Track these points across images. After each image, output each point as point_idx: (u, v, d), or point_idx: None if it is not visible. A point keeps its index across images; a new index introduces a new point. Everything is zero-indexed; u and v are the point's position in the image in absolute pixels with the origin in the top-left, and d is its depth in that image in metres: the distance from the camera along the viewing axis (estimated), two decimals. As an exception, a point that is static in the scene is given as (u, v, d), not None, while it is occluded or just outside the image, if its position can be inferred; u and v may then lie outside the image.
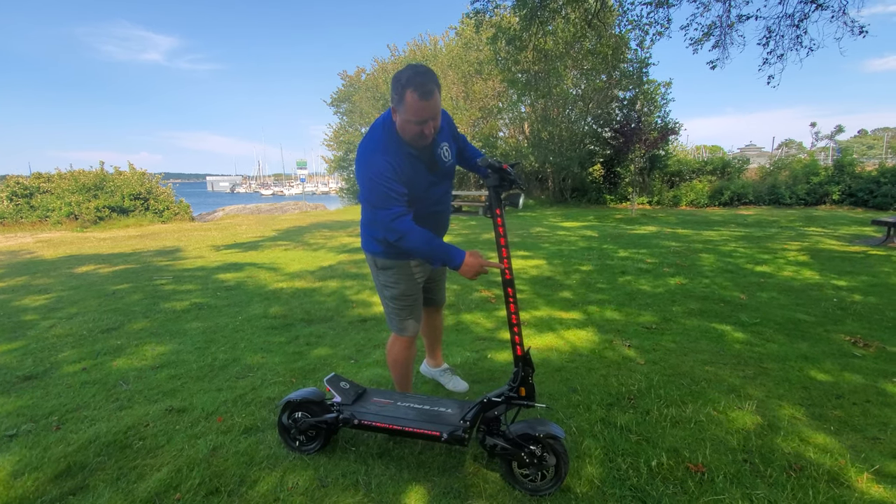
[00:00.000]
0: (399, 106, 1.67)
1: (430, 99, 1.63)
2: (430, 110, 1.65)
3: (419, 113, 1.64)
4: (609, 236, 8.65)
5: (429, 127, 1.68)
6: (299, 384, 2.64)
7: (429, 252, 1.75)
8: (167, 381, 2.74)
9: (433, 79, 1.64)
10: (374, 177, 1.71)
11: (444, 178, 1.93)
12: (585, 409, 2.28)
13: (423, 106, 1.63)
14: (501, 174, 1.65)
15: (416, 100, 1.61)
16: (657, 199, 16.13)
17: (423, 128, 1.68)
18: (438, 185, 1.91)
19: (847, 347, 3.10)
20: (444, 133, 1.89)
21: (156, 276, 5.77)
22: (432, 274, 2.20)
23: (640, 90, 15.76)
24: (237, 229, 11.89)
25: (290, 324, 3.77)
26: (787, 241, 7.75)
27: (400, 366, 2.15)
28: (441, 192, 1.95)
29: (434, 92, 1.63)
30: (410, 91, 1.61)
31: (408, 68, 1.66)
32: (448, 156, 1.91)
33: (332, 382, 1.95)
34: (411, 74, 1.63)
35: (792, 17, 9.81)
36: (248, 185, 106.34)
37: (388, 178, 1.71)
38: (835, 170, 14.32)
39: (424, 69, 1.65)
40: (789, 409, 2.30)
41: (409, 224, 1.73)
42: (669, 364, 2.84)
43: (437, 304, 2.36)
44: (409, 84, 1.62)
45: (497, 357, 3.00)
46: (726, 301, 4.22)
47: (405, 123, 1.69)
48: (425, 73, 1.64)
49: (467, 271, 1.73)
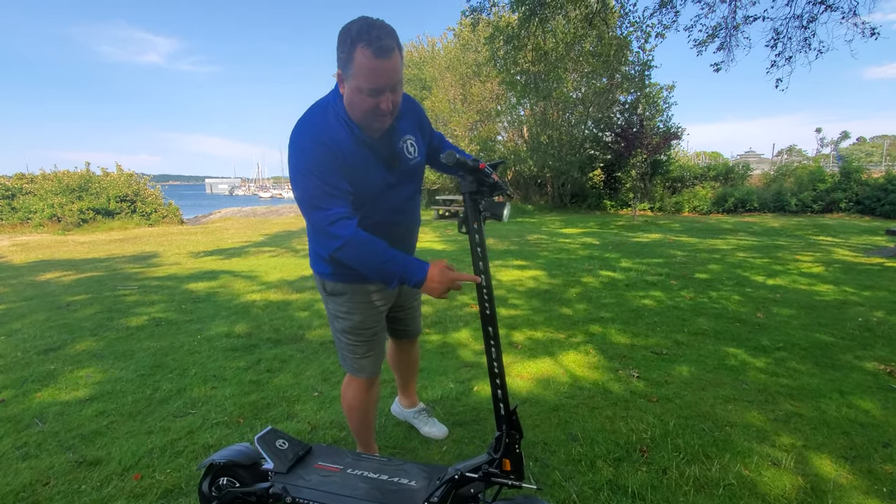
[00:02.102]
0: (346, 69, 1.25)
1: (388, 58, 1.21)
2: (387, 74, 1.23)
3: (373, 78, 1.22)
4: (611, 244, 8.25)
5: (386, 100, 1.27)
6: (246, 426, 2.22)
7: (379, 266, 1.31)
8: (92, 420, 2.32)
9: (392, 34, 1.23)
10: (309, 167, 1.29)
11: (407, 178, 1.50)
12: (588, 467, 1.86)
13: (377, 67, 1.21)
14: (478, 176, 1.23)
15: (369, 58, 1.20)
16: (659, 206, 15.75)
17: (379, 101, 1.26)
18: (399, 187, 1.48)
19: (883, 379, 2.69)
20: (407, 121, 1.48)
21: (120, 286, 5.35)
22: (400, 299, 1.75)
23: (641, 93, 15.41)
24: (224, 234, 11.47)
25: (255, 344, 3.35)
26: (798, 251, 7.36)
27: (357, 413, 1.72)
28: (403, 196, 1.51)
29: (393, 49, 1.22)
30: (362, 47, 1.20)
31: (360, 18, 1.24)
32: (413, 152, 1.48)
33: (265, 441, 1.53)
34: (363, 26, 1.21)
35: (800, 18, 9.47)
36: (246, 188, 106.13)
37: (327, 169, 1.29)
38: (841, 177, 13.96)
39: (381, 21, 1.23)
40: (832, 464, 1.89)
41: (352, 229, 1.30)
42: (686, 402, 2.42)
43: (409, 335, 1.91)
44: (359, 38, 1.20)
45: (485, 390, 2.58)
46: (742, 320, 3.81)
47: (354, 94, 1.27)
48: (382, 26, 1.22)
49: (434, 289, 1.30)
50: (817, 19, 9.25)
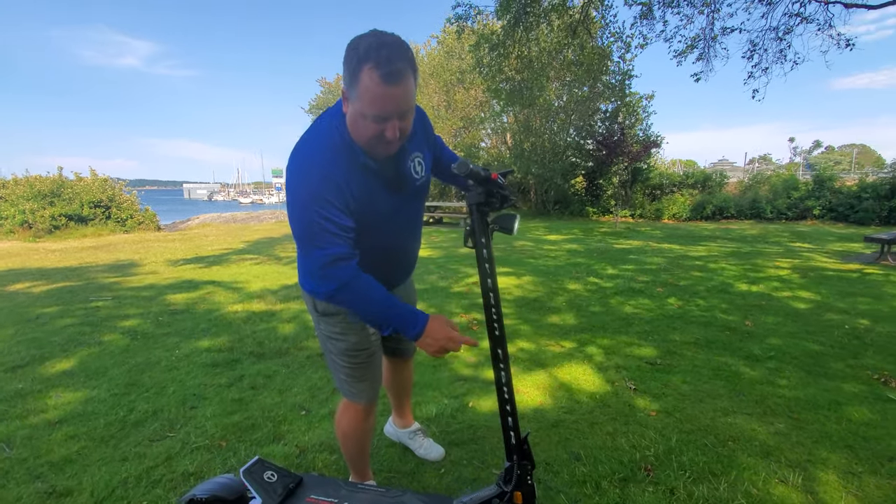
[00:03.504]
0: (352, 90, 1.09)
1: (398, 84, 1.06)
2: (396, 102, 1.08)
3: (379, 104, 1.08)
4: (595, 251, 8.28)
5: (392, 128, 1.12)
6: (229, 450, 2.08)
7: (375, 314, 1.20)
8: (62, 445, 2.15)
9: (406, 55, 1.07)
10: (309, 201, 1.15)
11: (413, 198, 1.38)
12: (594, 489, 1.79)
13: (384, 93, 1.06)
14: (489, 187, 1.15)
15: (376, 82, 1.05)
16: (640, 213, 15.98)
17: (385, 128, 1.11)
18: (405, 209, 1.36)
19: (878, 388, 2.70)
20: (417, 139, 1.33)
21: (94, 297, 5.10)
22: None
23: (622, 102, 15.66)
24: (203, 241, 11.16)
25: (237, 359, 3.20)
26: (777, 257, 7.49)
27: (352, 441, 1.61)
28: (408, 217, 1.40)
29: (405, 73, 1.07)
30: (369, 69, 1.04)
31: (371, 33, 1.08)
32: (421, 171, 1.36)
33: (252, 474, 1.41)
34: (373, 43, 1.05)
35: (776, 30, 9.75)
36: (226, 193, 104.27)
37: (328, 205, 1.15)
38: (815, 185, 14.38)
39: (395, 38, 1.07)
40: (838, 481, 1.85)
41: (351, 272, 1.18)
42: (686, 415, 2.38)
43: (403, 354, 1.82)
44: (367, 57, 1.04)
45: (482, 406, 2.49)
46: (731, 328, 3.82)
47: (358, 117, 1.12)
48: (394, 45, 1.06)
49: (429, 344, 1.20)
50: (793, 31, 9.55)
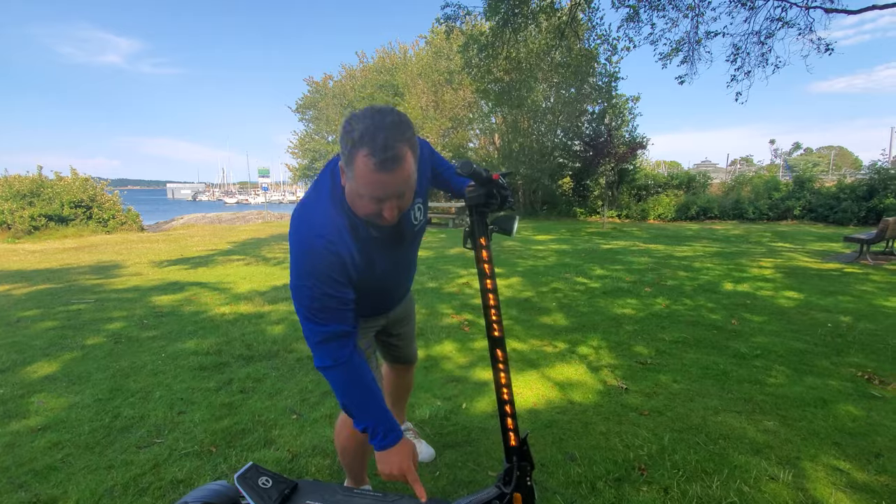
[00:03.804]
0: (348, 169, 1.04)
1: (394, 171, 1.00)
2: (392, 187, 1.03)
3: (376, 189, 1.03)
4: (583, 251, 8.35)
5: (390, 208, 1.07)
6: (219, 456, 2.04)
7: (355, 405, 1.19)
8: (45, 453, 2.09)
9: (404, 134, 1.01)
10: (312, 277, 1.12)
11: (411, 244, 1.37)
12: (590, 489, 1.79)
13: (381, 180, 1.01)
14: (490, 188, 1.14)
15: (370, 170, 1.00)
16: (626, 213, 16.17)
17: (382, 208, 1.07)
18: (402, 256, 1.35)
19: (862, 386, 2.76)
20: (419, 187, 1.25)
21: (76, 300, 4.97)
22: (391, 325, 1.64)
23: (608, 104, 15.83)
24: (188, 241, 10.97)
25: (225, 362, 3.14)
26: (760, 257, 7.64)
27: (351, 453, 1.58)
28: (405, 260, 1.40)
29: (402, 159, 1.01)
30: (364, 154, 0.99)
31: (367, 113, 1.01)
32: (420, 215, 1.33)
33: (246, 480, 1.38)
34: (369, 127, 0.99)
35: (759, 34, 9.95)
36: (211, 193, 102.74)
37: (332, 282, 1.13)
38: (795, 186, 14.70)
39: (392, 119, 1.01)
40: (829, 477, 1.89)
41: (347, 352, 1.17)
42: (677, 414, 2.40)
43: (402, 361, 1.81)
44: (362, 142, 0.99)
45: (475, 407, 2.49)
46: (718, 327, 3.88)
47: (355, 195, 1.08)
48: (391, 127, 0.99)
49: (385, 463, 1.18)
50: (774, 35, 9.76)
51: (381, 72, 21.24)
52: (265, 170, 24.48)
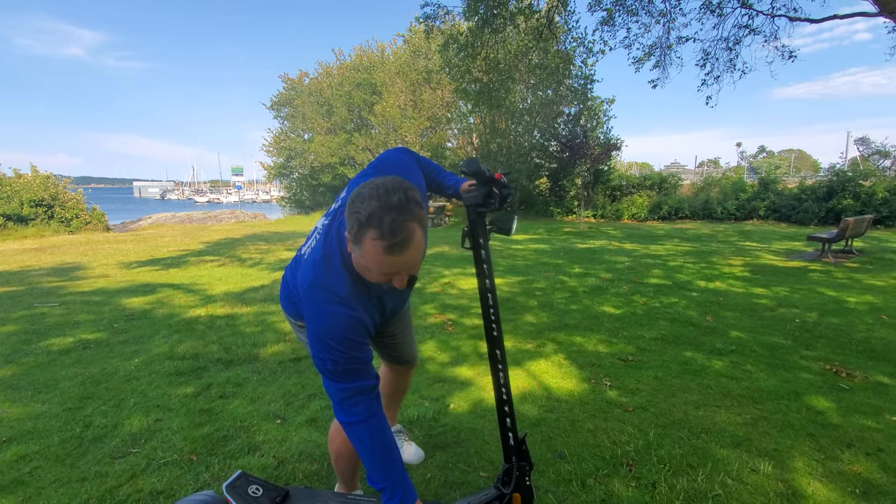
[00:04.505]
0: (356, 245, 1.03)
1: (404, 253, 1.01)
2: (402, 265, 1.04)
3: (385, 268, 1.04)
4: (561, 251, 8.46)
5: (400, 279, 1.08)
6: (201, 464, 1.97)
7: (374, 465, 1.17)
8: (12, 466, 1.97)
9: (413, 213, 1.00)
10: (335, 344, 1.13)
11: None
12: (580, 486, 1.81)
13: (391, 262, 1.02)
14: (491, 186, 1.13)
15: (379, 252, 1.00)
16: (601, 213, 16.47)
17: (392, 279, 1.08)
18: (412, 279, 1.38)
19: (831, 378, 2.88)
20: None
21: (38, 303, 4.73)
22: (388, 327, 1.62)
23: (584, 106, 16.10)
24: (158, 241, 10.60)
25: (202, 367, 3.04)
26: (730, 255, 7.91)
27: (345, 459, 1.55)
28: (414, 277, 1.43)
29: (412, 240, 1.00)
30: (372, 238, 0.98)
31: (373, 193, 0.99)
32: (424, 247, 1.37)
33: (235, 490, 1.33)
34: (377, 210, 0.97)
35: (727, 40, 10.29)
36: (180, 192, 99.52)
37: (354, 345, 1.14)
38: (760, 187, 15.28)
39: (399, 198, 0.98)
40: (805, 468, 1.96)
41: (372, 408, 1.17)
42: (660, 409, 2.45)
43: (400, 362, 1.79)
44: (370, 224, 0.98)
45: (462, 407, 2.48)
46: (694, 324, 3.99)
47: (364, 269, 1.09)
48: (399, 209, 0.98)
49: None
50: (742, 42, 10.11)
51: (358, 70, 21.02)
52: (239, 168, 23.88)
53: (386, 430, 1.19)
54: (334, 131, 21.35)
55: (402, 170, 1.29)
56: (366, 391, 1.16)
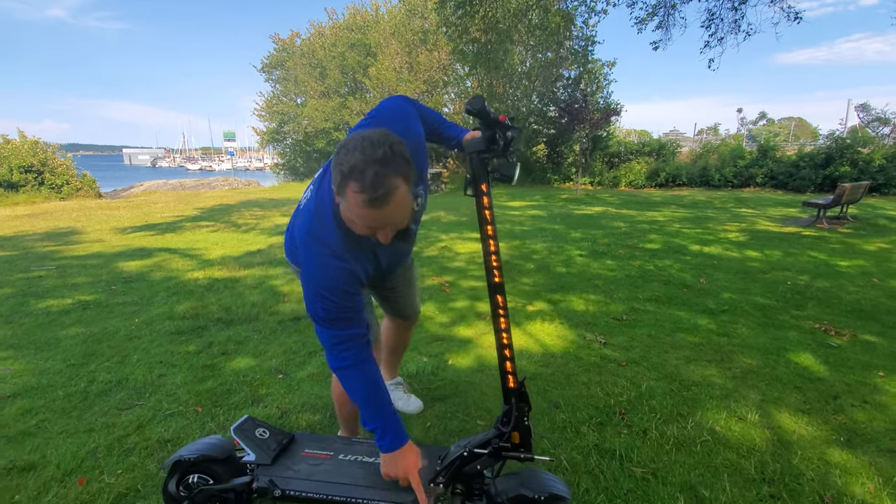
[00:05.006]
0: (340, 197, 1.04)
1: (385, 206, 1.00)
2: (385, 219, 1.04)
3: (367, 221, 1.04)
4: (558, 216, 8.46)
5: (385, 234, 1.09)
6: (206, 415, 2.02)
7: (366, 405, 1.22)
8: (17, 420, 2.01)
9: (397, 167, 0.98)
10: (328, 293, 1.15)
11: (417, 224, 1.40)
12: (574, 433, 1.87)
13: (372, 215, 1.01)
14: (494, 130, 1.12)
15: (360, 203, 0.99)
16: (599, 180, 16.36)
17: (377, 233, 1.09)
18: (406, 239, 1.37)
19: (820, 336, 2.96)
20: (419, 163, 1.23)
21: (35, 267, 4.72)
22: (390, 281, 1.65)
23: (584, 69, 15.71)
24: (152, 208, 10.49)
25: (203, 326, 3.07)
26: (725, 222, 7.93)
27: (349, 405, 1.59)
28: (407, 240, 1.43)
29: (393, 194, 0.99)
30: (354, 190, 0.98)
31: (357, 144, 0.98)
32: (422, 199, 1.35)
33: (243, 431, 1.38)
34: (359, 162, 0.96)
35: (732, 0, 9.97)
36: (171, 159, 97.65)
37: (346, 295, 1.17)
38: (759, 154, 15.16)
39: (384, 152, 0.97)
40: (792, 417, 2.04)
41: (363, 354, 1.21)
42: (652, 364, 2.52)
43: (400, 316, 1.83)
44: (352, 176, 0.97)
45: (460, 363, 2.53)
46: (688, 286, 4.04)
47: (350, 221, 1.10)
48: (383, 162, 0.97)
49: (389, 465, 1.22)
50: (747, 2, 9.80)
51: (352, 30, 20.29)
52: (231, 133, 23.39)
53: (375, 375, 1.23)
54: (328, 95, 20.82)
55: (402, 119, 1.26)
56: (356, 338, 1.20)
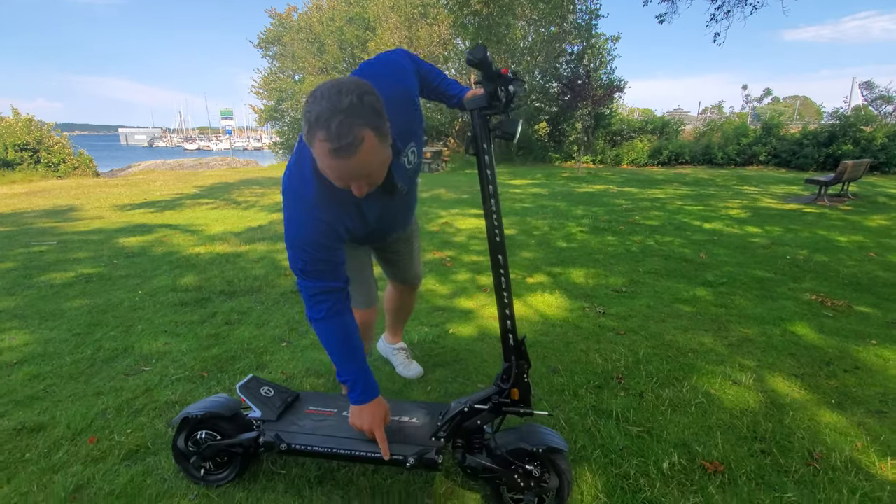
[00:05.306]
0: (310, 147, 1.00)
1: (351, 157, 0.96)
2: (353, 170, 1.00)
3: (334, 172, 1.01)
4: (560, 194, 8.42)
5: (358, 187, 1.05)
6: (212, 379, 2.06)
7: (338, 358, 1.24)
8: (24, 385, 2.05)
9: (365, 116, 0.95)
10: (306, 245, 1.17)
11: (407, 186, 1.34)
12: (572, 395, 1.92)
13: (340, 166, 0.98)
14: (496, 85, 1.10)
15: (326, 153, 0.96)
16: (600, 158, 16.24)
17: (349, 186, 1.05)
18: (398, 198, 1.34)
19: (816, 307, 2.98)
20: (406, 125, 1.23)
21: (36, 242, 4.73)
22: (389, 244, 1.67)
23: (588, 44, 15.41)
24: (150, 186, 10.44)
25: (206, 297, 3.10)
26: (727, 199, 7.90)
27: None
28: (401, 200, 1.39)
29: (360, 146, 0.95)
30: (320, 140, 0.95)
31: (325, 93, 0.95)
32: (414, 157, 1.31)
33: (248, 390, 1.41)
34: (325, 110, 0.93)
35: (740, -29, 9.72)
36: (168, 139, 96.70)
37: (324, 248, 1.18)
38: (763, 132, 15.01)
39: (351, 100, 0.94)
40: (785, 381, 2.08)
41: (338, 307, 1.22)
42: (650, 332, 2.55)
43: (401, 281, 1.86)
44: (318, 125, 0.94)
45: (460, 332, 2.57)
46: (687, 260, 4.06)
47: (325, 173, 1.05)
48: (349, 111, 0.93)
49: (356, 417, 1.26)
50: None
51: (350, 3, 19.83)
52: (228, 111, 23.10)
53: (350, 329, 1.25)
54: (326, 71, 20.48)
55: (394, 73, 1.24)
56: (334, 291, 1.22)
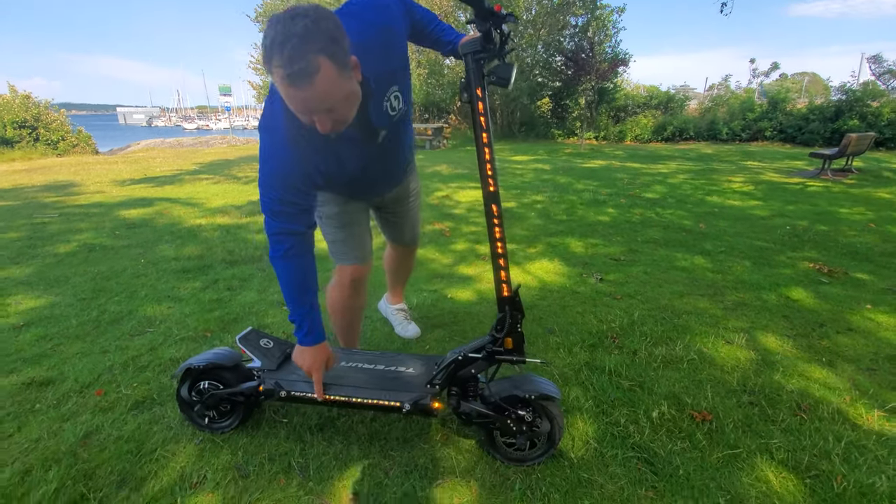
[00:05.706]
0: (271, 77, 0.96)
1: (306, 86, 0.92)
2: (310, 102, 0.96)
3: (292, 102, 0.97)
4: (561, 169, 8.37)
5: (322, 122, 1.00)
6: (215, 339, 2.10)
7: (289, 299, 1.26)
8: (32, 345, 2.10)
9: (319, 43, 0.90)
10: (275, 180, 1.16)
11: (392, 132, 1.32)
12: (567, 353, 1.96)
13: (296, 95, 0.94)
14: (489, 26, 1.09)
15: (282, 83, 0.93)
16: (604, 135, 16.04)
17: (313, 121, 1.00)
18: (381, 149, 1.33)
19: (813, 274, 3.00)
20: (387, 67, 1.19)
21: (38, 214, 4.75)
22: (387, 204, 1.68)
23: (592, 16, 15.05)
24: (150, 163, 10.40)
25: (208, 265, 3.14)
26: (730, 174, 7.84)
27: (339, 314, 1.68)
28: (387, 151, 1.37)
29: (314, 74, 0.91)
30: (276, 66, 0.91)
31: (280, 18, 0.91)
32: (398, 103, 1.27)
33: (248, 341, 1.45)
34: (277, 36, 0.89)
35: (751, -64, 9.40)
36: (167, 119, 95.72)
37: (293, 190, 1.17)
38: (769, 107, 14.77)
39: (305, 25, 0.89)
40: (777, 341, 2.11)
41: (297, 248, 1.22)
42: (646, 297, 2.58)
43: (399, 242, 1.88)
44: (272, 53, 0.90)
45: (459, 296, 2.60)
46: (687, 230, 4.07)
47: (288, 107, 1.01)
48: (301, 37, 0.89)
49: (300, 358, 1.30)
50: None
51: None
52: (226, 87, 22.75)
53: (305, 272, 1.25)
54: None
55: (377, 12, 1.19)
56: (296, 234, 1.21)
